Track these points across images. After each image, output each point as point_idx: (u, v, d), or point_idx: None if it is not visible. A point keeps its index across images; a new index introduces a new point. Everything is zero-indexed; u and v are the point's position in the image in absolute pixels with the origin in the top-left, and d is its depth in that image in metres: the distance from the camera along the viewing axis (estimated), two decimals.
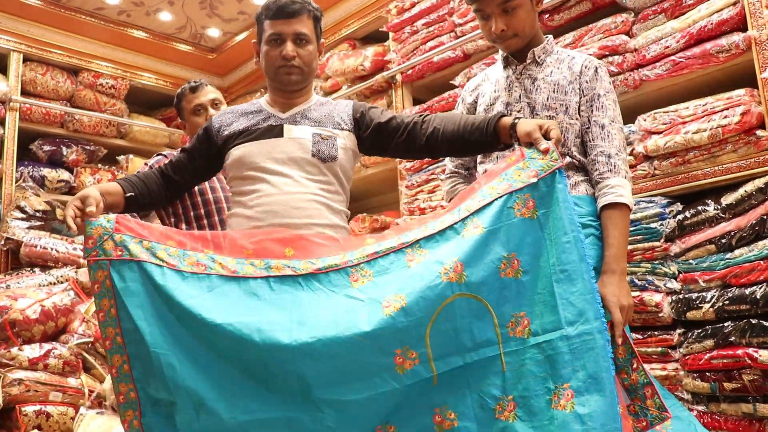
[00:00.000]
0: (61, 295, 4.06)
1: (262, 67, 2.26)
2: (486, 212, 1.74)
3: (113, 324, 1.82)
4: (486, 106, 2.37)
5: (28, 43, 5.04)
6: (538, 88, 2.26)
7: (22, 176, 4.89)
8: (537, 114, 2.23)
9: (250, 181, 2.12)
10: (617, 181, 2.10)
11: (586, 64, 2.23)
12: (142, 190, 2.25)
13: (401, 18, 4.17)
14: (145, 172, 2.35)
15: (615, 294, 1.97)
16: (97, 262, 1.79)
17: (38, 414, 3.56)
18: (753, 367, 2.42)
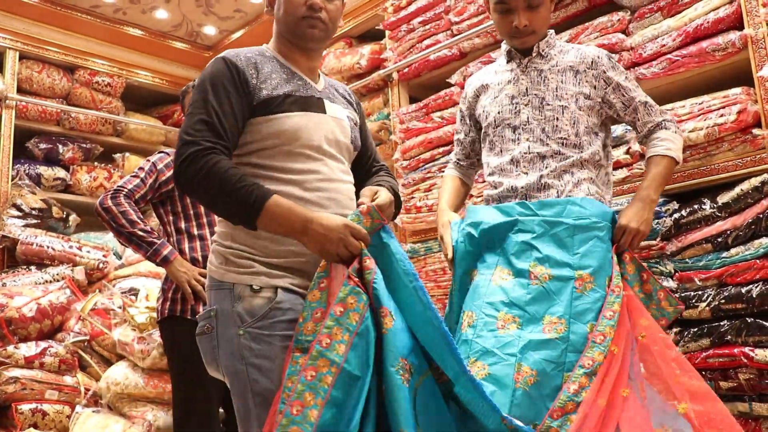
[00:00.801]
0: (57, 293, 4.06)
1: (277, 16, 1.97)
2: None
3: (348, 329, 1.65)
4: (491, 99, 2.40)
5: (24, 41, 5.03)
6: (545, 79, 2.30)
7: (18, 174, 4.88)
8: (547, 104, 2.27)
9: (304, 160, 1.87)
10: (667, 134, 2.28)
11: (598, 54, 2.33)
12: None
13: (397, 16, 4.16)
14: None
15: (628, 217, 2.14)
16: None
17: (34, 412, 3.56)
18: (749, 366, 2.42)
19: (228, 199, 1.71)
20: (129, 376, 3.56)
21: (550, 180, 2.22)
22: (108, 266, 4.71)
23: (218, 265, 1.84)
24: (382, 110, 4.39)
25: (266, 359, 1.73)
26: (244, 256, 1.81)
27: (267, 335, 1.75)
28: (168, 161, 2.93)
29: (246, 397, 1.74)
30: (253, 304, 1.77)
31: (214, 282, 1.84)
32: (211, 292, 1.85)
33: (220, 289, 1.81)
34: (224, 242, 1.85)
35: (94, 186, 5.28)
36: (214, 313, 1.79)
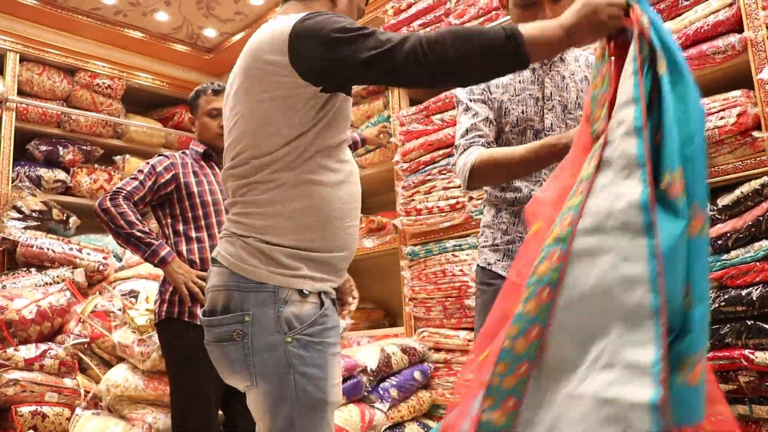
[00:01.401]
0: (57, 295, 4.06)
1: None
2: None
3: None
4: (511, 95, 2.27)
5: (24, 43, 5.03)
6: (567, 86, 2.26)
7: (18, 176, 4.88)
8: (570, 113, 2.23)
9: (344, 153, 1.85)
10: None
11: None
12: None
13: (398, 19, 4.17)
14: None
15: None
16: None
17: (34, 414, 3.55)
18: (749, 368, 2.42)
19: (480, 42, 1.48)
20: (129, 379, 3.55)
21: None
22: (108, 268, 4.70)
23: (256, 264, 1.70)
24: (383, 113, 4.39)
25: (317, 368, 1.69)
26: (292, 255, 1.70)
27: (318, 342, 1.70)
28: (167, 164, 2.93)
29: (290, 407, 1.66)
30: (303, 310, 1.69)
31: (250, 283, 1.70)
32: (244, 294, 1.70)
33: (260, 292, 1.69)
34: (264, 237, 1.71)
35: (95, 188, 5.28)
36: (249, 318, 1.68)
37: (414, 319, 3.85)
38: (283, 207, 1.71)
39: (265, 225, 1.72)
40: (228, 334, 1.70)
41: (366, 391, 3.44)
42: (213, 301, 1.75)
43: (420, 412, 3.63)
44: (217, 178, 3.00)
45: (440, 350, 3.63)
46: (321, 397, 1.68)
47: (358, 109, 4.59)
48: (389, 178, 4.25)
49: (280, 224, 1.71)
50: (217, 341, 1.73)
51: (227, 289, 1.72)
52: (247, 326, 1.68)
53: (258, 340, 1.67)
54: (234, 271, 1.72)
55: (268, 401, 1.69)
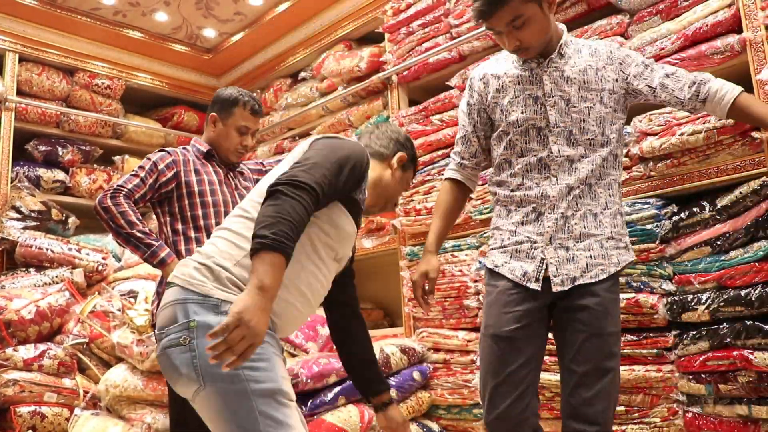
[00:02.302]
0: (57, 295, 4.06)
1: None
2: None
3: None
4: (510, 98, 2.34)
5: (23, 43, 5.03)
6: (568, 79, 2.27)
7: (17, 176, 4.88)
8: (573, 106, 2.26)
9: (328, 256, 2.04)
10: (717, 83, 2.28)
11: (611, 47, 2.36)
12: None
13: (397, 19, 4.17)
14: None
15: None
16: None
17: (33, 415, 3.55)
18: (748, 368, 2.43)
19: (270, 222, 1.67)
20: (128, 379, 3.55)
21: (579, 192, 2.24)
22: (107, 268, 4.70)
23: (204, 280, 1.83)
24: (382, 113, 4.40)
25: (263, 361, 1.76)
26: (236, 284, 1.82)
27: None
28: (169, 161, 2.89)
29: (246, 398, 1.73)
30: None
31: (196, 295, 1.81)
32: (190, 304, 1.81)
33: (204, 303, 1.79)
34: (222, 263, 1.84)
35: (94, 188, 5.28)
36: (194, 324, 1.77)
37: (413, 319, 3.85)
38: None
39: (230, 254, 1.86)
40: (174, 341, 1.79)
41: None
42: (163, 317, 1.86)
43: (419, 412, 3.63)
44: (219, 177, 2.97)
45: (439, 350, 3.63)
46: (274, 386, 1.75)
47: (358, 109, 4.59)
48: None
49: (243, 261, 1.82)
50: (164, 349, 1.81)
51: (176, 303, 1.83)
52: (192, 331, 1.77)
53: (203, 343, 1.72)
54: (183, 287, 1.84)
55: (219, 400, 1.75)
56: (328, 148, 1.90)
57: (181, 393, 1.85)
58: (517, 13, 2.15)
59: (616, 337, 2.20)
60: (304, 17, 5.13)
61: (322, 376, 3.28)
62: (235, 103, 2.99)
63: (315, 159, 1.83)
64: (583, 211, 2.23)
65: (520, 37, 2.20)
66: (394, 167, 2.21)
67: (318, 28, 5.10)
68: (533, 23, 2.18)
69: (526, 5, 2.15)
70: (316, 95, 5.07)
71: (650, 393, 2.75)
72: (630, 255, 2.29)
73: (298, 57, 5.31)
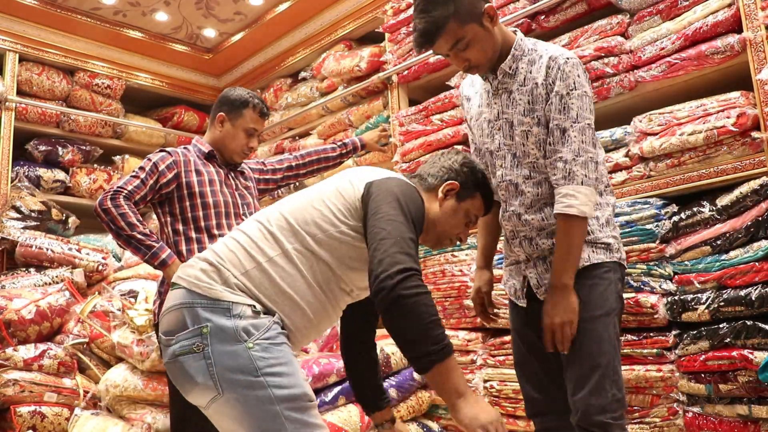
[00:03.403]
0: (57, 295, 4.06)
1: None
2: None
3: None
4: (474, 121, 2.39)
5: (24, 43, 5.03)
6: (513, 101, 2.20)
7: (17, 176, 4.88)
8: (514, 128, 2.20)
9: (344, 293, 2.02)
10: (568, 189, 2.07)
11: (550, 64, 2.14)
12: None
13: (397, 19, 4.17)
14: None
15: (548, 312, 2.09)
16: None
17: (33, 414, 3.55)
18: (748, 368, 2.43)
19: (420, 336, 1.60)
20: (128, 379, 3.55)
21: (531, 217, 2.23)
22: (107, 268, 4.70)
23: (212, 283, 1.79)
24: (382, 113, 4.39)
25: (284, 365, 1.73)
26: (243, 290, 1.80)
27: (278, 343, 1.75)
28: (170, 162, 2.88)
29: (270, 404, 1.69)
30: (257, 321, 1.75)
31: (205, 299, 1.77)
32: (199, 309, 1.76)
33: (215, 307, 1.75)
34: (230, 268, 1.81)
35: (94, 188, 5.28)
36: (207, 330, 1.72)
37: None
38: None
39: (237, 258, 1.84)
40: (187, 348, 1.73)
41: None
42: (169, 321, 1.81)
43: (419, 412, 3.63)
44: (220, 177, 2.97)
45: None
46: (298, 391, 1.72)
47: (358, 109, 4.59)
48: None
49: (249, 266, 1.82)
50: (175, 357, 1.76)
51: (183, 306, 1.78)
52: (206, 337, 1.72)
53: (218, 349, 1.71)
54: (191, 289, 1.79)
55: (240, 407, 1.71)
56: (394, 201, 1.80)
57: (194, 401, 1.80)
58: (457, 37, 2.10)
59: (603, 318, 2.14)
60: (304, 17, 5.13)
61: (322, 376, 3.29)
62: (245, 105, 2.99)
63: (392, 221, 1.73)
64: (548, 230, 2.22)
65: (467, 57, 2.15)
66: (441, 198, 2.04)
67: (318, 27, 5.10)
68: (476, 43, 2.13)
69: (464, 28, 2.10)
70: (316, 95, 5.07)
71: (650, 393, 2.75)
72: (608, 255, 2.20)
73: (299, 57, 5.31)
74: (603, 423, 2.10)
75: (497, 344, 3.31)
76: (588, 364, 2.12)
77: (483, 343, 3.38)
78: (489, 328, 3.38)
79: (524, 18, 3.45)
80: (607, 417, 2.11)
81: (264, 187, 3.32)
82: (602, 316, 2.13)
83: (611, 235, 2.22)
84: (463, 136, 3.67)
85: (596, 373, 2.10)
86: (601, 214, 2.23)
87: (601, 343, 2.12)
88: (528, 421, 3.11)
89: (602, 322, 2.13)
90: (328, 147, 3.58)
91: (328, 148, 3.57)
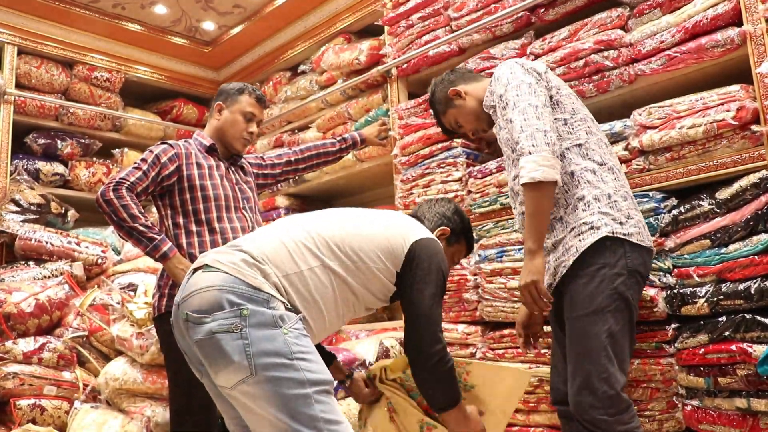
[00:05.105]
0: (56, 288, 4.06)
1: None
2: None
3: None
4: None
5: (22, 36, 5.02)
6: (497, 119, 2.51)
7: (16, 169, 4.88)
8: (500, 140, 2.54)
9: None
10: (520, 163, 2.25)
11: (491, 80, 2.54)
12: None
13: (396, 12, 4.16)
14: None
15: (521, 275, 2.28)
16: None
17: (32, 408, 3.55)
18: (747, 362, 2.43)
19: (447, 397, 2.24)
20: (128, 372, 3.56)
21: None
22: (107, 262, 4.70)
23: (254, 274, 1.94)
24: (381, 106, 4.39)
25: (312, 353, 1.91)
26: (281, 291, 1.97)
27: (305, 335, 1.94)
28: (172, 154, 2.88)
29: (302, 386, 1.83)
30: (288, 314, 1.92)
31: (246, 286, 1.89)
32: (240, 293, 1.88)
33: (255, 295, 1.89)
34: (273, 269, 1.98)
35: (93, 181, 5.27)
36: (247, 312, 1.85)
37: None
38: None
39: (281, 260, 2.02)
40: (225, 327, 1.84)
41: None
42: (203, 300, 1.90)
43: None
44: (220, 171, 2.97)
45: None
46: (325, 378, 1.90)
47: (357, 102, 4.58)
48: (388, 172, 4.25)
49: (291, 271, 2.01)
50: (212, 334, 1.85)
51: (223, 288, 1.89)
52: (245, 319, 1.84)
53: (256, 332, 1.84)
54: (232, 274, 1.92)
55: (272, 387, 1.82)
56: (436, 271, 2.17)
57: (221, 381, 1.89)
58: (450, 125, 2.79)
59: (590, 316, 2.23)
60: (303, 10, 5.12)
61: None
62: (241, 91, 3.07)
63: (434, 295, 2.16)
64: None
65: (464, 132, 2.80)
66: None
67: (317, 20, 5.09)
68: (461, 118, 2.73)
69: (446, 117, 2.77)
70: (315, 88, 5.06)
71: (649, 386, 2.75)
72: (594, 234, 2.26)
73: (298, 50, 5.30)
74: (596, 419, 2.16)
75: (496, 337, 3.31)
76: (576, 361, 2.24)
77: (482, 336, 3.38)
78: (488, 321, 3.40)
79: (524, 11, 3.44)
80: (600, 413, 2.15)
81: (263, 182, 3.33)
82: (589, 314, 2.22)
83: (599, 211, 2.29)
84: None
85: (583, 370, 2.20)
86: (588, 192, 2.32)
87: (587, 341, 2.21)
88: (527, 415, 3.12)
89: (589, 320, 2.22)
90: (328, 142, 3.59)
91: (327, 143, 3.58)
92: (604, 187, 2.32)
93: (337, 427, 1.85)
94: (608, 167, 2.37)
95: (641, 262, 2.31)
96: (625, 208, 2.32)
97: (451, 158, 3.66)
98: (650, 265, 2.42)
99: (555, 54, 3.22)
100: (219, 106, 3.07)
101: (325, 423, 1.83)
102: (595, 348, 2.20)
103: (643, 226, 2.38)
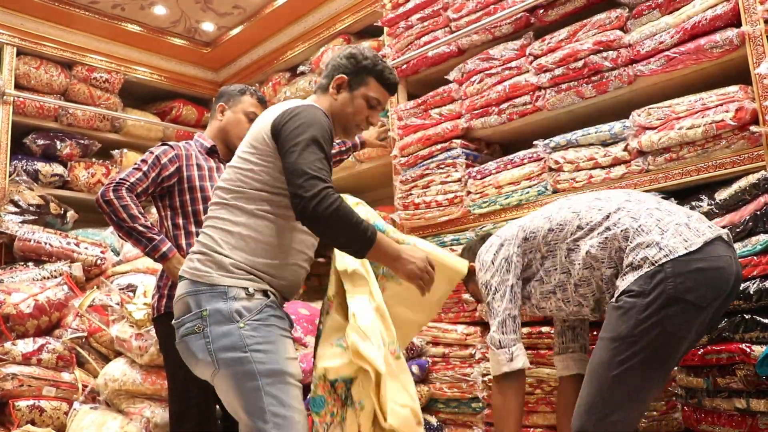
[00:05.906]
0: (55, 289, 4.06)
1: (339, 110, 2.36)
2: None
3: None
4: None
5: (21, 37, 5.02)
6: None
7: (15, 170, 4.87)
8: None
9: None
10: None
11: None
12: None
13: (396, 12, 4.16)
14: None
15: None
16: None
17: (32, 409, 3.55)
18: (746, 362, 2.43)
19: (351, 234, 1.98)
20: (127, 373, 3.56)
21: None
22: (106, 262, 4.70)
23: (209, 271, 2.07)
24: None
25: (269, 344, 2.00)
26: (240, 268, 2.07)
27: (266, 325, 2.03)
28: (172, 155, 2.89)
29: (253, 378, 1.96)
30: (250, 303, 2.03)
31: (204, 286, 2.05)
32: (200, 296, 2.05)
33: (213, 292, 2.04)
34: (220, 250, 2.09)
35: (92, 182, 5.27)
36: (206, 313, 2.01)
37: None
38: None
39: (224, 241, 2.12)
40: (190, 330, 2.04)
41: None
42: (178, 308, 2.12)
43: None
44: (220, 173, 2.97)
45: (438, 344, 3.63)
46: (278, 367, 1.99)
47: None
48: (387, 173, 4.25)
49: (238, 247, 2.11)
50: (182, 337, 2.07)
51: (187, 295, 2.08)
52: (205, 320, 2.01)
53: (215, 330, 2.00)
54: (193, 280, 2.09)
55: (232, 380, 1.99)
56: (308, 132, 2.06)
57: (202, 376, 2.10)
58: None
59: (606, 342, 2.17)
60: (302, 11, 5.12)
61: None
62: (243, 92, 3.10)
63: (305, 145, 2.03)
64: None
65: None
66: (333, 93, 2.36)
67: (316, 21, 5.09)
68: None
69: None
70: (314, 89, 5.05)
71: None
72: (631, 276, 2.18)
73: (297, 51, 5.30)
74: None
75: None
76: (586, 381, 2.23)
77: (481, 337, 3.38)
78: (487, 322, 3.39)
79: (523, 12, 3.44)
80: None
81: None
82: (608, 339, 2.18)
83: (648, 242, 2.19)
84: (461, 131, 3.67)
85: (589, 391, 2.20)
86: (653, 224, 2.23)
87: (598, 364, 2.19)
88: (526, 416, 3.12)
89: (604, 345, 2.19)
90: None
91: None
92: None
93: (281, 421, 1.94)
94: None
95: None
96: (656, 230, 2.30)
97: (450, 159, 3.66)
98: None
99: (554, 55, 3.22)
100: (221, 107, 3.07)
101: (272, 416, 1.93)
102: (601, 373, 2.20)
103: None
